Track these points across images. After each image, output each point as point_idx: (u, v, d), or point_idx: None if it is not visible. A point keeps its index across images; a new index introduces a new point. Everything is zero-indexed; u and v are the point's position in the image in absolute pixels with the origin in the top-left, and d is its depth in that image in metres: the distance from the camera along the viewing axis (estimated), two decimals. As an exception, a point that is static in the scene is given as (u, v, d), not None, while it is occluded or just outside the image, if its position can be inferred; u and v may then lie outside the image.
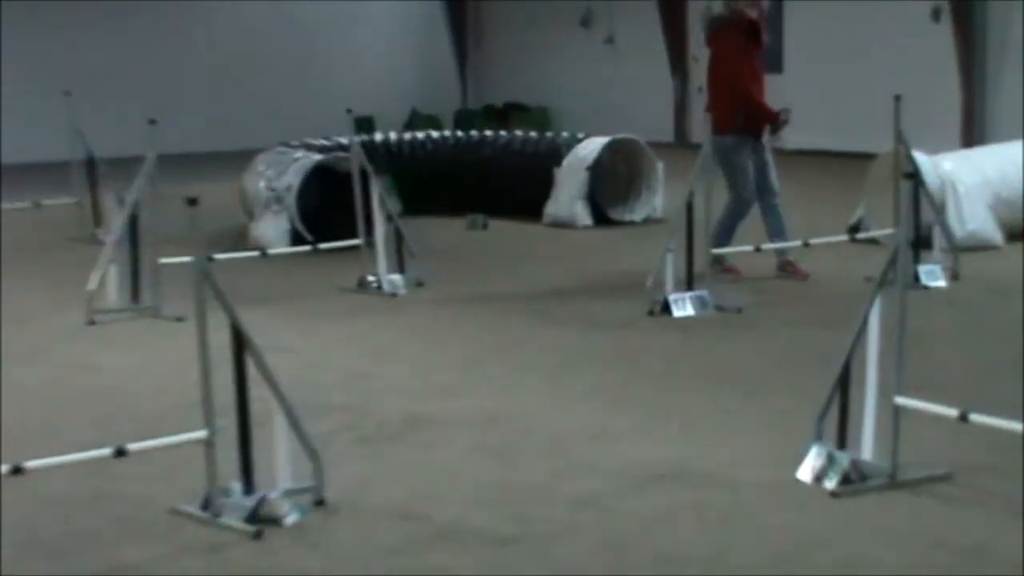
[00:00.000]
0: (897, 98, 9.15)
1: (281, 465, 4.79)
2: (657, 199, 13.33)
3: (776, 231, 9.58)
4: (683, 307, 8.44)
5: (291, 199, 11.50)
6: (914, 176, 9.01)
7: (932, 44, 18.06)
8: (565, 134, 14.14)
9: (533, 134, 14.52)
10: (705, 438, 5.76)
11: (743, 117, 9.35)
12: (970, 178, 10.92)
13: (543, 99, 24.65)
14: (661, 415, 6.14)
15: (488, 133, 14.75)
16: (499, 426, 6.00)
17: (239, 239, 11.78)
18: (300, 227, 11.39)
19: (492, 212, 13.26)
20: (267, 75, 23.71)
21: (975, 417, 4.84)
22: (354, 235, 9.66)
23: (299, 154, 12.44)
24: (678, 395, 6.52)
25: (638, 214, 13.29)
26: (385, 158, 14.02)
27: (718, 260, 9.41)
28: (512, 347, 7.72)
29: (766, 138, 9.60)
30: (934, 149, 11.55)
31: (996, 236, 10.75)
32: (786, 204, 9.71)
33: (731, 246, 9.57)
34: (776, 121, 9.46)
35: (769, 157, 9.62)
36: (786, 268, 9.71)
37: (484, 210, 13.21)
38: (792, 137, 9.63)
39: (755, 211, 9.64)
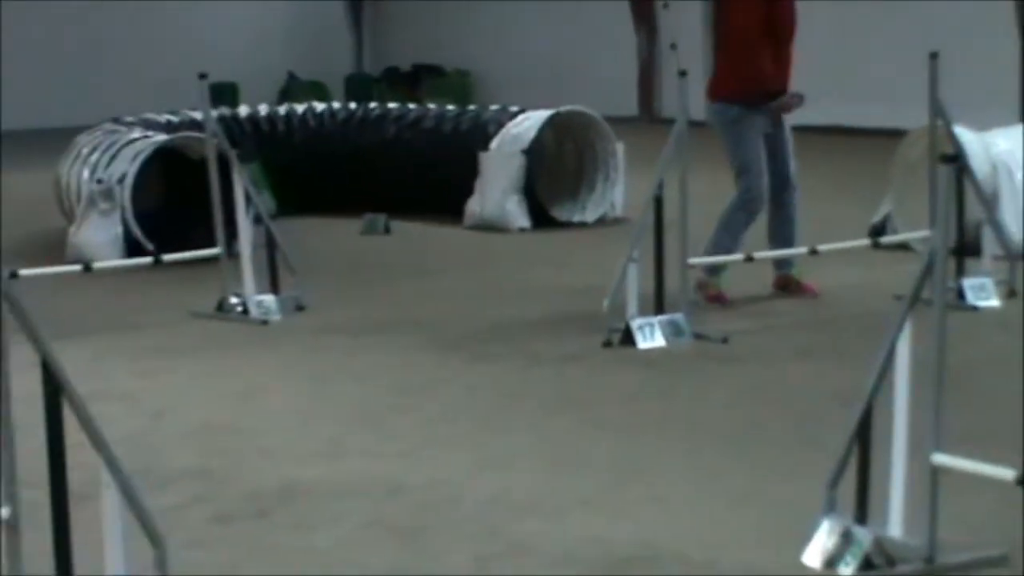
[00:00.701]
0: (934, 56, 9.24)
1: (112, 553, 4.73)
2: (616, 193, 13.39)
3: (782, 238, 9.63)
4: (650, 336, 8.47)
5: (125, 194, 11.43)
6: (956, 159, 9.11)
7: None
8: (494, 107, 14.19)
9: (451, 107, 14.55)
10: (678, 509, 5.76)
11: (745, 83, 9.45)
12: (1032, 162, 11.06)
13: (464, 61, 24.72)
14: (621, 479, 6.14)
15: (391, 106, 14.78)
16: (403, 497, 5.97)
17: (54, 249, 11.68)
18: (137, 232, 11.32)
19: (396, 211, 13.26)
20: (92, 29, 23.57)
21: (1037, 479, 4.89)
22: (211, 243, 9.61)
23: (135, 134, 12.38)
24: (643, 451, 6.52)
25: (591, 213, 13.35)
26: (253, 139, 13.99)
27: (703, 284, 9.45)
28: (421, 390, 7.69)
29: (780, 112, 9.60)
30: (984, 124, 11.69)
31: (1063, 239, 10.88)
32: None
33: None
34: (771, 92, 9.49)
35: (788, 137, 9.67)
36: (788, 286, 9.78)
37: (386, 209, 13.21)
38: (798, 110, 9.68)
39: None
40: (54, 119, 19.80)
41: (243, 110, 14.71)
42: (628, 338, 8.45)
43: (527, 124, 13.22)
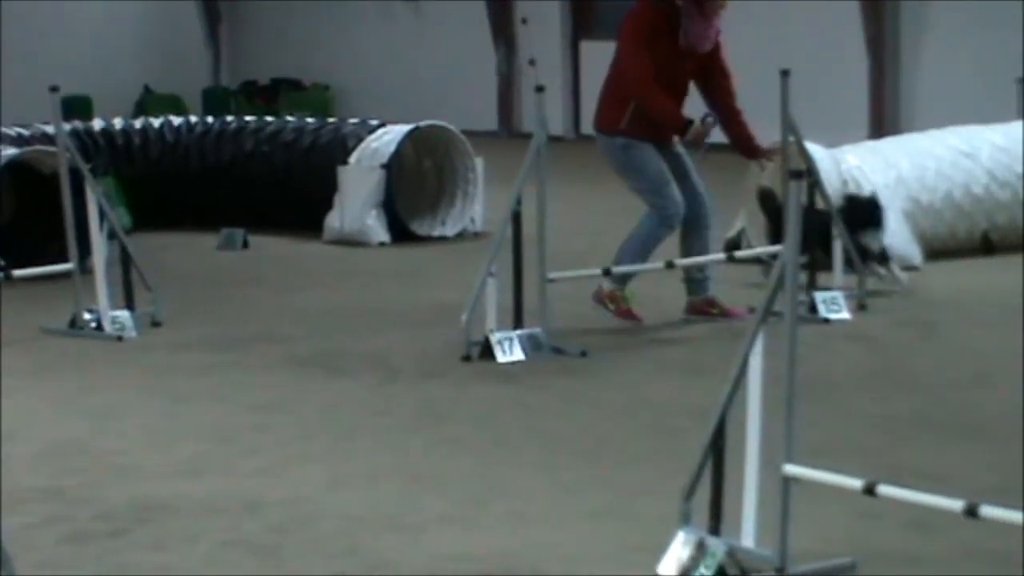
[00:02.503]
0: (785, 73, 9.37)
1: (-41, 575, 4.67)
2: (476, 207, 13.41)
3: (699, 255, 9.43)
4: (510, 350, 8.50)
5: (-25, 209, 11.26)
6: (806, 175, 9.26)
7: (832, 8, 18.61)
8: (353, 121, 14.15)
9: (311, 120, 14.50)
10: (538, 524, 5.79)
11: (636, 118, 9.16)
12: (881, 177, 11.25)
13: (323, 75, 24.63)
14: (480, 494, 6.15)
15: (249, 119, 14.68)
16: (262, 514, 5.94)
17: (-97, 265, 11.47)
18: (-13, 247, 11.15)
19: (255, 226, 13.17)
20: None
21: (884, 489, 4.96)
22: (64, 258, 9.50)
23: (-15, 147, 12.18)
24: (502, 467, 6.54)
25: (451, 228, 13.36)
26: (107, 153, 13.83)
27: (614, 297, 9.30)
28: (279, 407, 7.66)
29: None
30: (835, 140, 11.89)
31: (914, 253, 11.09)
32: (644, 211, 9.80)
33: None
34: (684, 130, 9.20)
35: (689, 163, 9.45)
36: (706, 309, 9.55)
37: (244, 224, 13.12)
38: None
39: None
40: None
41: (97, 123, 14.53)
42: (488, 352, 8.47)
43: (387, 138, 13.21)
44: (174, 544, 5.63)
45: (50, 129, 11.95)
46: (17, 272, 9.81)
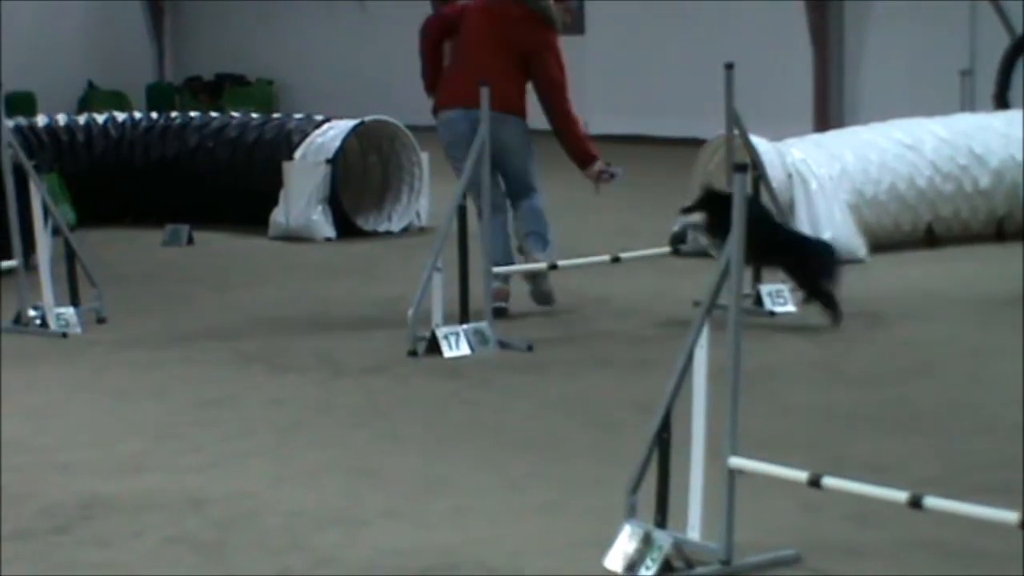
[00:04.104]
0: (729, 67, 9.38)
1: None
2: (422, 203, 13.40)
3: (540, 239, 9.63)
4: (456, 345, 8.49)
5: (-83, 206, 11.16)
6: (751, 168, 9.29)
7: (776, 2, 18.68)
8: (298, 116, 14.12)
9: (255, 115, 14.46)
10: (483, 519, 5.78)
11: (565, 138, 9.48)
12: (826, 170, 11.31)
13: (268, 71, 24.56)
14: (425, 490, 6.15)
15: (193, 115, 14.62)
16: (205, 510, 5.92)
17: None
18: (-70, 244, 11.06)
19: (200, 222, 13.12)
20: None
21: (829, 481, 4.98)
22: (8, 255, 9.45)
23: (-72, 144, 12.09)
24: (447, 462, 6.54)
25: (396, 223, 13.34)
26: (51, 149, 13.75)
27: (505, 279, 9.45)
28: (223, 403, 7.64)
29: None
30: (779, 134, 11.93)
31: (858, 246, 11.15)
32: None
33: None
34: (592, 163, 9.48)
35: None
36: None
37: (189, 219, 13.07)
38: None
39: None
40: None
41: (41, 119, 14.44)
42: (434, 347, 8.46)
43: (332, 133, 13.18)
44: (118, 540, 5.61)
45: (-8, 125, 11.91)
46: (-40, 268, 9.75)
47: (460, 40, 9.74)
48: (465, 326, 8.60)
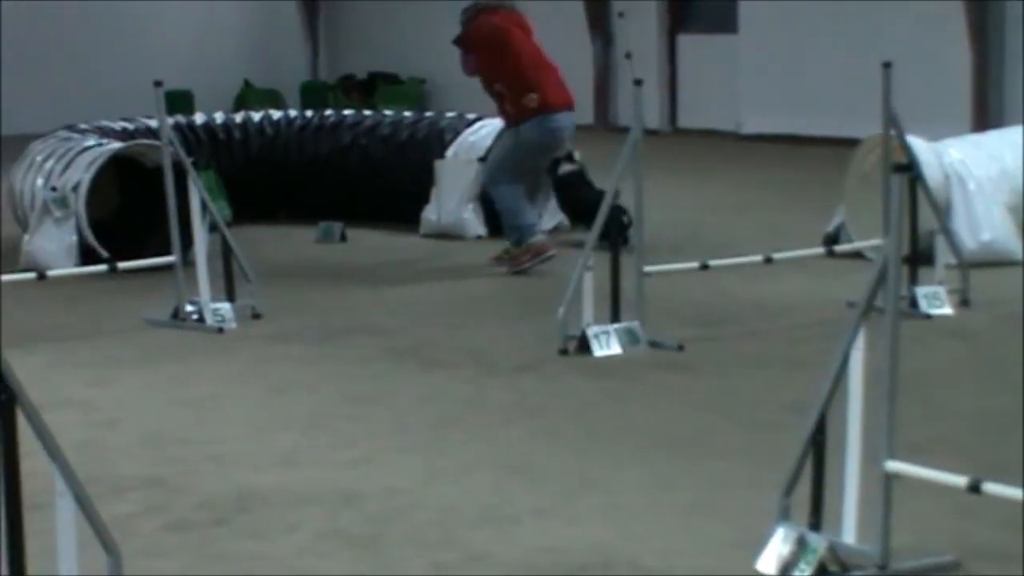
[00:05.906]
0: (887, 66, 9.30)
1: (65, 561, 4.72)
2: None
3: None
4: (606, 344, 8.48)
5: (79, 202, 11.38)
6: (909, 168, 9.17)
7: (933, 2, 18.41)
8: (450, 115, 14.17)
9: (408, 114, 14.54)
10: (634, 517, 5.78)
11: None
12: (984, 171, 11.14)
13: (420, 69, 24.69)
14: (576, 488, 6.15)
15: (347, 113, 14.73)
16: (359, 505, 5.97)
17: (8, 256, 11.62)
18: (92, 240, 11.27)
19: (353, 219, 13.23)
20: (45, 35, 23.44)
21: (989, 487, 4.92)
22: (167, 251, 9.59)
23: (90, 141, 12.32)
24: (598, 461, 6.54)
25: (547, 221, 13.34)
26: (209, 147, 13.94)
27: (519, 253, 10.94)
28: (376, 399, 7.69)
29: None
30: (937, 134, 11.77)
31: (1017, 247, 10.98)
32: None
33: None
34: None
35: None
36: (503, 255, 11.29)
37: (341, 217, 13.18)
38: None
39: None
40: (7, 126, 19.67)
41: (199, 118, 14.65)
42: (584, 346, 8.46)
43: (484, 132, 13.20)
44: (273, 534, 5.68)
45: (153, 123, 12.13)
46: (121, 264, 9.92)
47: (522, 50, 11.57)
48: (615, 325, 8.59)
